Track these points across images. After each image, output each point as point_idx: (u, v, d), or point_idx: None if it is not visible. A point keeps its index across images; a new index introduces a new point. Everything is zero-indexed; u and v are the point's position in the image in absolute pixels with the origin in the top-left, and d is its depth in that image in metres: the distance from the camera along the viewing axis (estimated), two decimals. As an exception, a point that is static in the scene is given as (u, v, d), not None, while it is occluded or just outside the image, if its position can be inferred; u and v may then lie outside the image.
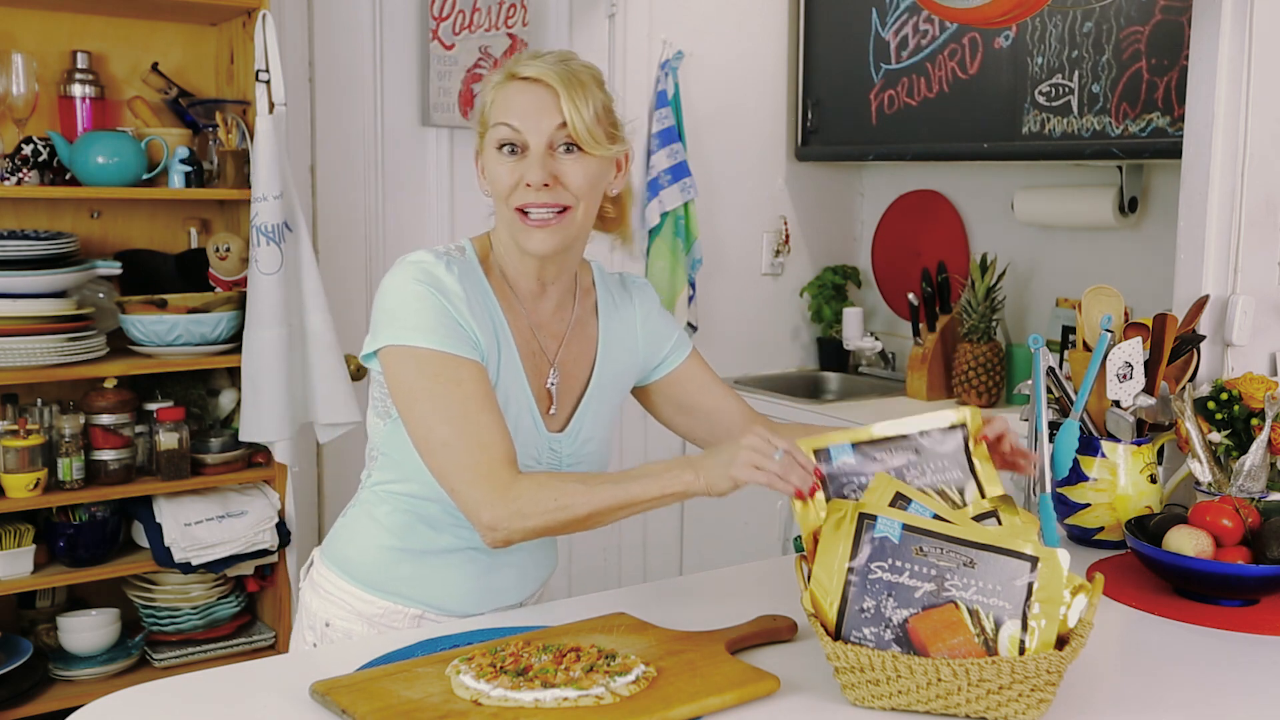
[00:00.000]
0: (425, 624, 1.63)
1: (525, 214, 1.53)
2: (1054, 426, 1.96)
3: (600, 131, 1.53)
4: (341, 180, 3.35)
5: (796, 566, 1.40)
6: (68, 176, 2.82)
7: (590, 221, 1.60)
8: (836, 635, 1.33)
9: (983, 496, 1.50)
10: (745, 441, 1.41)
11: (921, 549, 1.32)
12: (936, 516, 1.37)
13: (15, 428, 2.71)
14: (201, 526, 2.88)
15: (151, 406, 2.93)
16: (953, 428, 1.51)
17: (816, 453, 1.45)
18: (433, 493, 1.55)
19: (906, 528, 1.33)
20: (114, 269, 2.91)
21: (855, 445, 1.46)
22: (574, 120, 1.50)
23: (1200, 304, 2.11)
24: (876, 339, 3.96)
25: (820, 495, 1.41)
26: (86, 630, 2.87)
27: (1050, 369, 1.99)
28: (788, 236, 4.09)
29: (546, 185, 1.51)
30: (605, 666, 1.32)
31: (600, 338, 1.69)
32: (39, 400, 2.84)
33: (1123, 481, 1.95)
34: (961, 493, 1.49)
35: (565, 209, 1.53)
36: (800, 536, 1.43)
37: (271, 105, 2.85)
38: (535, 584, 1.73)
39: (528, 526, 1.45)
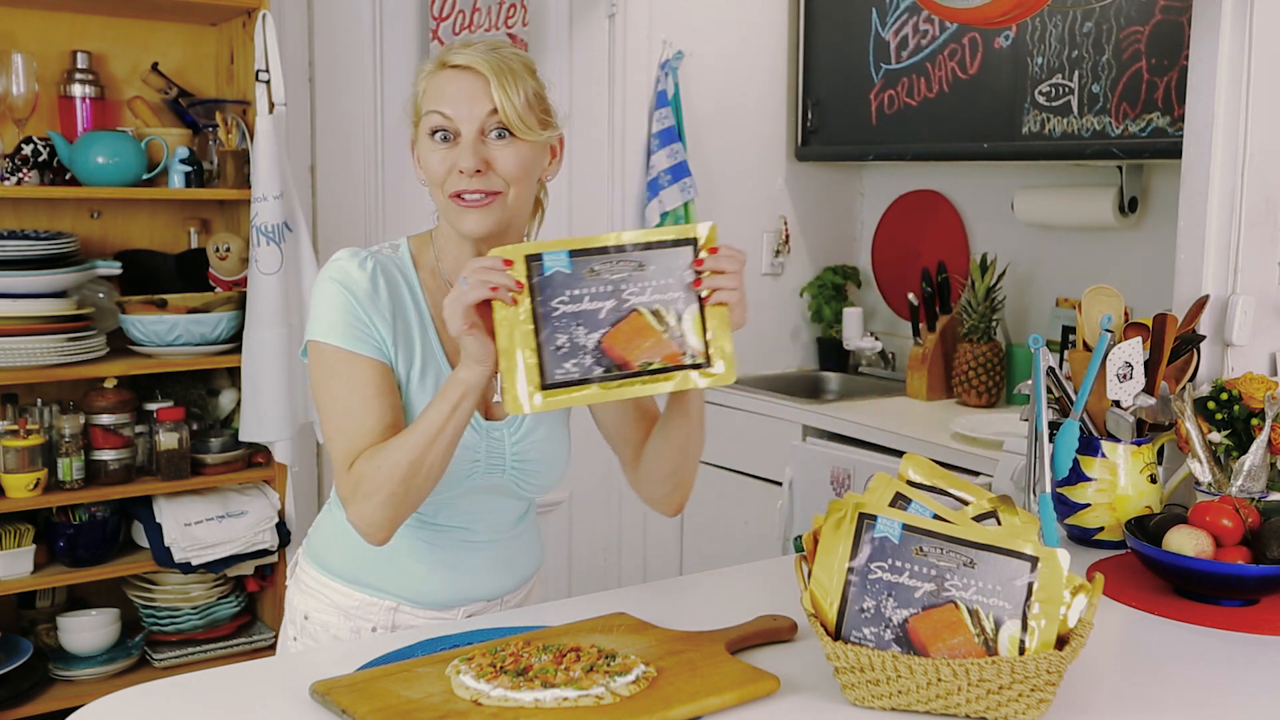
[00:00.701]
0: (400, 616, 1.64)
1: (459, 196, 1.55)
2: (1054, 426, 1.96)
3: (532, 118, 1.55)
4: (341, 180, 3.35)
5: (796, 566, 1.40)
6: (68, 176, 2.82)
7: (525, 206, 1.61)
8: (836, 635, 1.33)
9: (703, 321, 1.42)
10: (444, 302, 1.41)
11: (921, 549, 1.32)
12: (936, 517, 1.38)
13: (15, 428, 2.71)
14: (201, 526, 2.88)
15: (151, 406, 2.93)
16: (682, 242, 1.42)
17: (530, 259, 1.39)
18: None
19: (906, 528, 1.33)
20: (114, 269, 2.91)
21: (573, 254, 1.40)
22: (504, 106, 1.53)
23: (1200, 304, 2.11)
24: (876, 339, 3.96)
25: (526, 302, 1.38)
26: (86, 630, 2.87)
27: (1050, 369, 1.99)
28: (788, 236, 4.09)
29: (479, 171, 1.53)
30: (605, 666, 1.32)
31: None
32: (39, 400, 2.84)
33: (1123, 481, 1.95)
34: (680, 316, 1.41)
35: (497, 194, 1.55)
36: (800, 537, 1.43)
37: (271, 105, 2.85)
38: (516, 579, 1.72)
39: (379, 501, 1.48)
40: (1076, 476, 1.97)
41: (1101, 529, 1.96)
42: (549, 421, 1.66)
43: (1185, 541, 1.71)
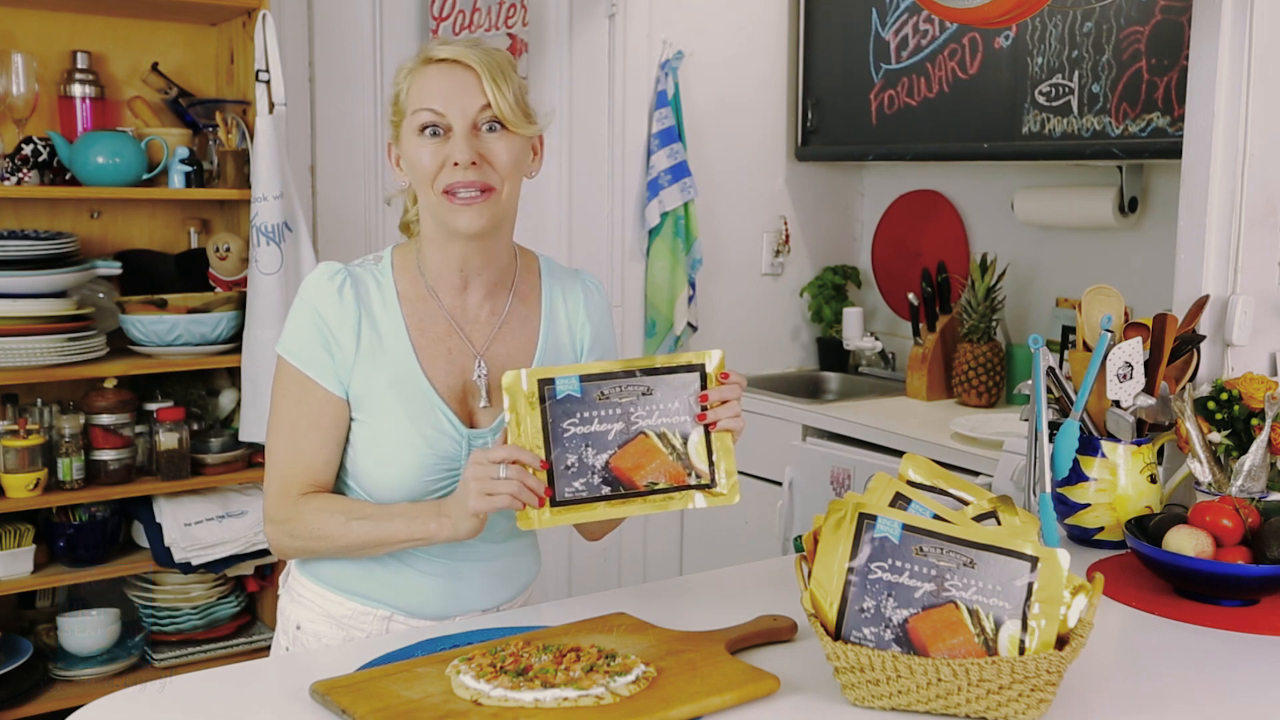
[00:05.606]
0: (394, 626, 1.63)
1: (452, 194, 1.53)
2: (1054, 426, 1.96)
3: (520, 111, 1.56)
4: (341, 180, 3.35)
5: (796, 566, 1.40)
6: (68, 176, 2.82)
7: (515, 204, 1.61)
8: (836, 635, 1.33)
9: (708, 447, 1.49)
10: (467, 474, 1.46)
11: (921, 549, 1.32)
12: (936, 517, 1.38)
13: (15, 428, 2.71)
14: (201, 526, 2.88)
15: (151, 406, 2.93)
16: (690, 368, 1.48)
17: (542, 383, 1.45)
18: (380, 500, 1.60)
19: (906, 528, 1.33)
20: (114, 269, 2.91)
21: (583, 378, 1.46)
22: (497, 100, 1.53)
23: (1200, 304, 2.11)
24: (876, 339, 3.96)
25: (537, 425, 1.46)
26: (86, 630, 2.87)
27: (1050, 369, 1.99)
28: (788, 236, 4.09)
29: (474, 163, 1.52)
30: (605, 666, 1.32)
31: (542, 328, 1.68)
32: (39, 400, 2.84)
33: (1123, 481, 1.95)
34: (685, 439, 1.47)
35: (490, 189, 1.54)
36: (800, 537, 1.43)
37: (271, 105, 2.85)
38: (511, 590, 1.71)
39: (295, 546, 1.60)
40: (1076, 476, 1.97)
41: (1101, 529, 1.96)
42: None
43: (1185, 541, 1.71)
